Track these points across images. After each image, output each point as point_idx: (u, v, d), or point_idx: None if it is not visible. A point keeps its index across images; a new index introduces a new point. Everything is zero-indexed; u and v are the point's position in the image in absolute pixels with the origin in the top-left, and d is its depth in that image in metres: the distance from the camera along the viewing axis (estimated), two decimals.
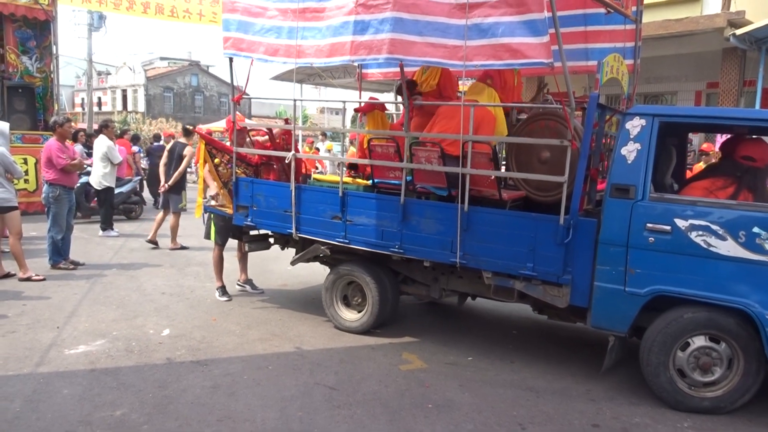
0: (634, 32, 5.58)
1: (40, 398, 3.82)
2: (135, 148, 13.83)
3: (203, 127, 9.00)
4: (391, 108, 7.23)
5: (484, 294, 4.97)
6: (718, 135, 8.98)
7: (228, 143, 6.29)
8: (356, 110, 5.75)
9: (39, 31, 12.17)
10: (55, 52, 12.50)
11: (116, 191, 10.47)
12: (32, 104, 11.89)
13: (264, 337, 5.14)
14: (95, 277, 6.96)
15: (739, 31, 9.31)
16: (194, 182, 21.87)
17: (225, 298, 6.23)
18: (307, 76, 17.82)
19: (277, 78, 17.60)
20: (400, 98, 5.38)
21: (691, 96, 12.07)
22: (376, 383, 4.26)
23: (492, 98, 5.13)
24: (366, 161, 5.28)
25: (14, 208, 6.75)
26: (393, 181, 5.04)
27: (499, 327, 5.80)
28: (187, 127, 9.43)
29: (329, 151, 16.52)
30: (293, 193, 5.37)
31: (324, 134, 18.16)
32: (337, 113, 50.44)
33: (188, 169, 9.54)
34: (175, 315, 5.65)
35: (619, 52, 4.92)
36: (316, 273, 6.99)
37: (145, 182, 13.44)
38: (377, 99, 6.14)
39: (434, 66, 5.12)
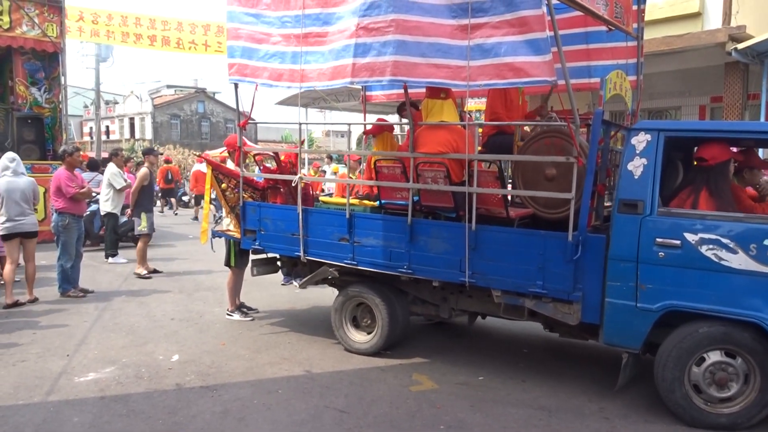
0: (635, 49, 5.62)
1: (50, 427, 3.81)
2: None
3: (214, 152, 9.11)
4: (398, 128, 7.26)
5: (494, 313, 4.93)
6: None
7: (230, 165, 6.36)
8: (366, 132, 5.79)
9: (47, 62, 12.37)
10: (63, 82, 12.69)
11: (124, 218, 10.52)
12: (41, 134, 12.04)
13: (273, 360, 5.12)
14: (104, 304, 6.97)
15: (740, 46, 9.33)
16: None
17: (248, 318, 6.33)
18: (312, 100, 17.97)
19: (282, 103, 17.78)
20: (404, 119, 5.41)
21: (695, 111, 12.07)
22: (387, 405, 4.22)
23: (454, 111, 5.12)
24: (372, 182, 5.29)
25: (20, 235, 6.98)
26: (400, 202, 5.04)
27: (510, 346, 5.75)
28: (151, 147, 9.58)
29: (335, 173, 16.59)
30: (300, 216, 5.38)
31: (330, 157, 18.26)
32: (342, 136, 50.83)
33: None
34: (184, 340, 5.64)
35: (621, 68, 4.95)
36: (324, 295, 6.99)
37: None
38: (386, 120, 6.16)
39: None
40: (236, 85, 5.64)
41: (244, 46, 5.34)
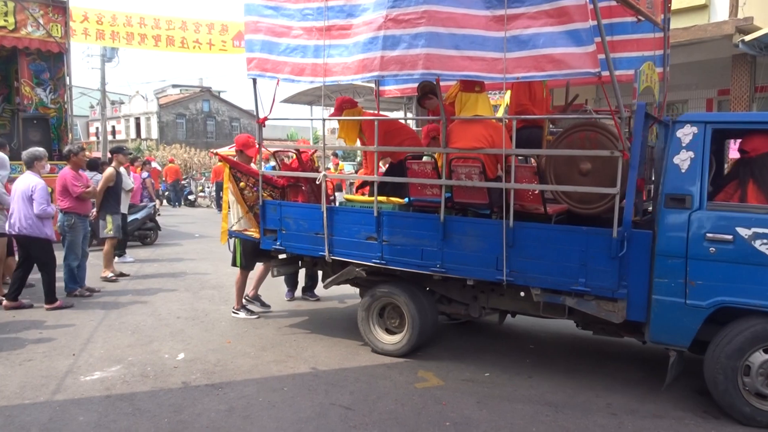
0: (662, 40, 5.46)
1: (56, 426, 3.81)
2: (144, 174, 13.95)
3: (222, 150, 9.04)
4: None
5: (527, 311, 4.82)
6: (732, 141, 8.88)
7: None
8: (332, 116, 5.65)
9: (53, 63, 12.40)
10: (68, 83, 12.71)
11: (131, 218, 10.55)
12: (47, 135, 12.07)
13: (279, 358, 5.11)
14: (111, 303, 6.99)
15: (747, 38, 9.25)
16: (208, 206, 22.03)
17: (254, 316, 6.29)
18: (316, 97, 17.97)
19: (287, 101, 17.80)
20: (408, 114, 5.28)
21: (702, 104, 11.97)
22: (393, 402, 4.21)
23: (488, 105, 4.98)
24: (403, 179, 5.07)
25: (3, 235, 6.97)
26: (431, 199, 4.88)
27: (516, 342, 5.72)
28: (119, 146, 9.53)
29: (341, 171, 16.59)
30: (325, 215, 5.23)
31: (335, 154, 18.25)
32: None
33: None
34: (189, 339, 5.64)
35: (647, 60, 4.83)
36: (330, 293, 6.97)
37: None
38: (351, 101, 5.90)
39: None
40: (255, 81, 5.45)
41: (264, 40, 5.19)
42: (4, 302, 6.65)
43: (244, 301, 6.51)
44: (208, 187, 24.40)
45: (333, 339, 5.63)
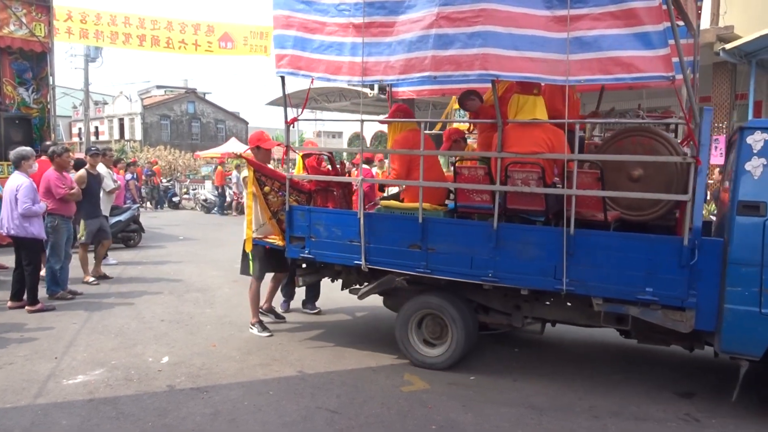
0: (692, 46, 5.44)
1: (38, 430, 3.77)
2: (128, 176, 13.84)
3: (212, 151, 8.91)
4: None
5: (575, 321, 4.71)
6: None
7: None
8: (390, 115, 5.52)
9: (35, 62, 12.27)
10: (51, 83, 12.57)
11: (114, 219, 10.44)
12: (29, 135, 11.91)
13: (264, 362, 5.10)
14: (94, 306, 6.91)
15: (728, 46, 9.42)
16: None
17: (266, 334, 5.81)
18: (302, 100, 17.94)
19: (273, 103, 17.77)
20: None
21: None
22: (378, 405, 4.21)
23: (545, 108, 4.85)
24: (454, 184, 4.95)
25: None
26: (480, 205, 4.72)
27: (501, 346, 5.75)
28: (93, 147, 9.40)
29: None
30: (362, 222, 4.98)
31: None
32: (334, 137, 50.78)
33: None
34: (174, 342, 5.60)
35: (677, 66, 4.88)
36: (323, 303, 6.96)
37: None
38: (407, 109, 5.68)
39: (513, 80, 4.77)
40: (283, 79, 5.18)
41: (297, 36, 4.95)
42: (8, 303, 6.75)
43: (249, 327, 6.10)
44: (193, 189, 24.24)
45: (319, 343, 5.63)
